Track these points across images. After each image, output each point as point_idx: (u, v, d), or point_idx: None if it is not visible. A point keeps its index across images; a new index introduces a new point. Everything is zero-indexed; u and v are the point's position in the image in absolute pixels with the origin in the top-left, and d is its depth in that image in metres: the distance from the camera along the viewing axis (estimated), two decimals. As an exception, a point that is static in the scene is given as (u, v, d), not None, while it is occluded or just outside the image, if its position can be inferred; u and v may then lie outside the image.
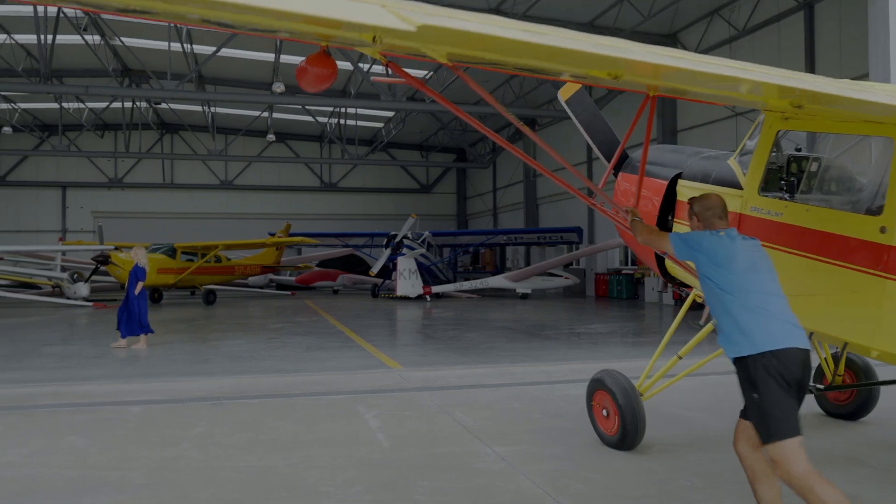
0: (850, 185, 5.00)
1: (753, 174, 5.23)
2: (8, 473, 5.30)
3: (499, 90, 29.29)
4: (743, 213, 5.29)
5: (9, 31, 23.96)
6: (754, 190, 5.21)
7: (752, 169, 5.25)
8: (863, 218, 4.51)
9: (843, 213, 4.68)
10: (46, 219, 39.89)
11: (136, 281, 13.17)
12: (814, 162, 5.09)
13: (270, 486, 4.97)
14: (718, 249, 3.87)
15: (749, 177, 5.27)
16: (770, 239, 4.96)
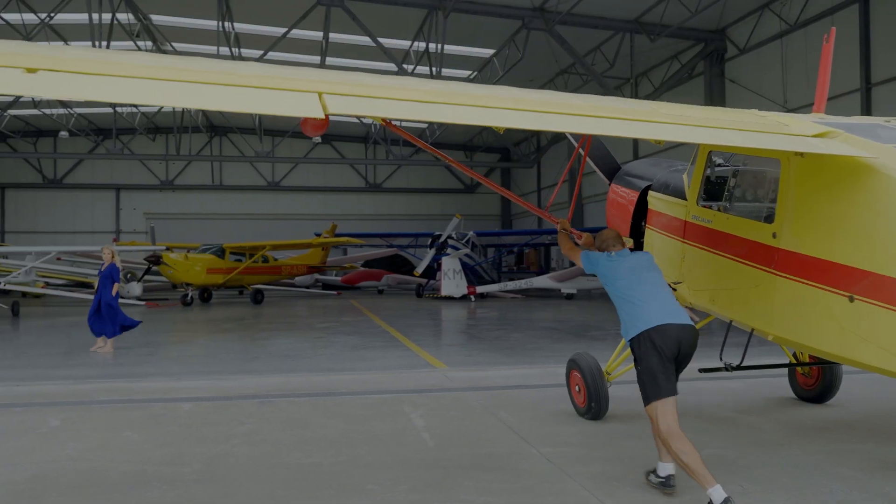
0: (754, 197, 5.88)
1: (692, 187, 6.29)
2: (68, 466, 5.47)
3: (543, 88, 29.13)
4: (687, 220, 6.33)
5: (66, 38, 24.71)
6: (694, 201, 6.26)
7: (691, 183, 6.31)
8: (761, 225, 5.43)
9: (749, 221, 5.62)
10: (101, 220, 41.02)
11: (112, 282, 12.40)
12: (731, 177, 6.05)
13: (318, 484, 5.03)
14: (607, 267, 5.13)
15: (690, 190, 6.32)
16: (705, 242, 6.09)
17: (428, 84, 5.10)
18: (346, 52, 25.93)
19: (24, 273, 23.37)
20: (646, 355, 4.59)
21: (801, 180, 5.09)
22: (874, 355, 4.63)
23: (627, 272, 5.04)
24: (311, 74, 4.63)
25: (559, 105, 4.73)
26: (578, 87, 27.94)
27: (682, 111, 5.18)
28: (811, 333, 5.12)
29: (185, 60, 4.53)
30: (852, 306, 4.66)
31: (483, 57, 25.88)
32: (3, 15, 20.55)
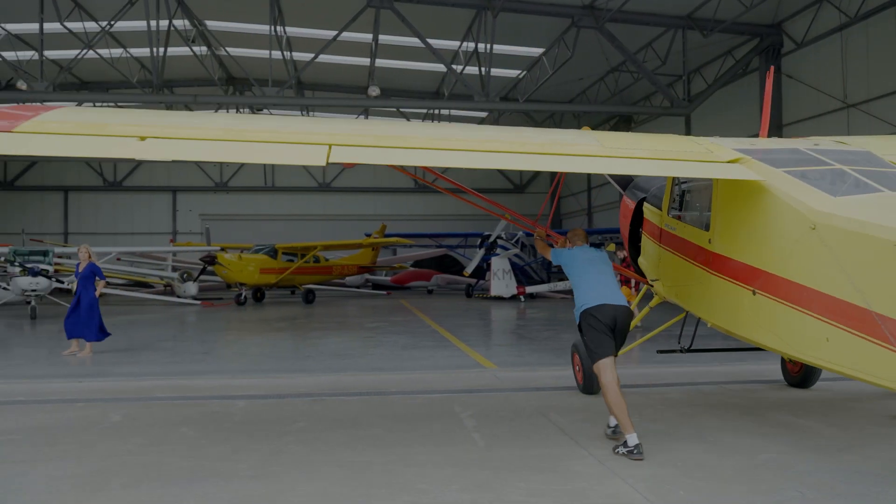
0: (699, 209, 6.94)
1: (665, 200, 7.61)
2: (129, 460, 5.65)
3: (593, 87, 28.84)
4: (661, 227, 7.67)
5: (125, 45, 25.45)
6: (666, 211, 7.59)
7: (664, 196, 7.64)
8: (702, 232, 6.62)
9: (695, 229, 6.82)
10: (159, 221, 42.11)
11: (93, 282, 12.09)
12: (687, 192, 7.25)
13: (370, 482, 5.08)
14: (567, 257, 6.49)
15: (664, 201, 7.64)
16: (671, 246, 7.41)
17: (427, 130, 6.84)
18: (396, 54, 26.10)
19: (87, 273, 24.11)
20: (589, 328, 5.93)
21: (724, 196, 6.23)
22: (770, 339, 5.71)
23: (582, 262, 6.40)
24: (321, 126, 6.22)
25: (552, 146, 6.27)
26: (630, 85, 27.59)
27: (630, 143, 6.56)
28: (731, 321, 6.25)
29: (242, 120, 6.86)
30: (755, 299, 5.74)
31: (532, 56, 25.75)
32: (67, 24, 21.26)
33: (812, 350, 5.25)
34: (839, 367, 5.02)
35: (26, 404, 8.01)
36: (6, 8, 21.92)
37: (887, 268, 4.52)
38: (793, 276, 5.30)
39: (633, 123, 33.03)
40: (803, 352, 5.40)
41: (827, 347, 5.02)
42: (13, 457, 5.80)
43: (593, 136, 6.45)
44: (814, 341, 5.14)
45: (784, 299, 5.37)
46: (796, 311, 5.25)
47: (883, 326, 4.49)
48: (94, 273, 12.10)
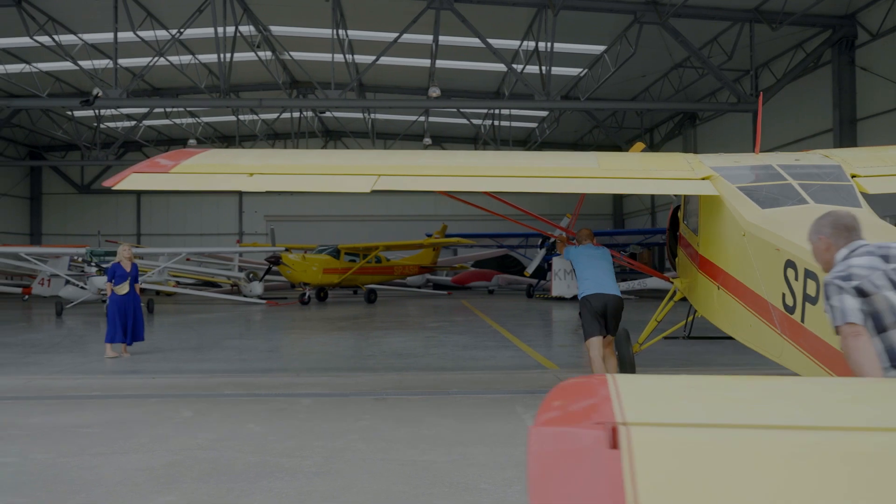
0: (695, 216, 7.72)
1: (682, 208, 8.63)
2: (200, 455, 5.82)
3: (656, 84, 28.32)
4: (680, 233, 8.74)
5: (193, 51, 26.22)
6: (682, 218, 8.60)
7: (681, 204, 8.67)
8: (694, 236, 7.67)
9: (693, 234, 7.80)
10: (226, 223, 43.25)
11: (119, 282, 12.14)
12: (689, 202, 8.26)
13: (433, 481, 5.11)
14: (573, 253, 8.33)
15: (682, 210, 8.71)
16: (684, 248, 8.45)
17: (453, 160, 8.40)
18: (456, 55, 26.15)
19: (158, 273, 25.00)
20: (584, 311, 8.06)
21: (703, 207, 7.21)
22: (727, 327, 6.67)
23: (585, 258, 8.24)
24: (369, 159, 8.24)
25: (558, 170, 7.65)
26: (694, 82, 26.99)
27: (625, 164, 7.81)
28: (709, 312, 7.36)
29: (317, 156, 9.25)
30: (718, 293, 6.76)
31: (594, 54, 25.44)
32: (140, 33, 22.03)
33: (743, 334, 6.22)
34: (757, 348, 5.94)
35: (103, 398, 8.34)
36: (83, 20, 22.85)
37: (773, 266, 5.42)
38: (735, 273, 6.33)
39: (698, 120, 32.29)
40: (742, 337, 6.31)
41: (750, 332, 6.01)
42: (91, 449, 6.05)
43: (594, 158, 7.75)
44: (745, 327, 6.10)
45: (732, 293, 6.39)
46: (738, 303, 6.25)
47: (773, 314, 5.45)
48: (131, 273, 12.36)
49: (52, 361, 11.68)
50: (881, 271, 3.22)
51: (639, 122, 35.22)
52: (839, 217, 3.52)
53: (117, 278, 12.16)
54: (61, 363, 11.48)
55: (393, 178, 6.88)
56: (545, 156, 8.66)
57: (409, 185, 7.07)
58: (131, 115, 35.10)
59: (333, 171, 7.37)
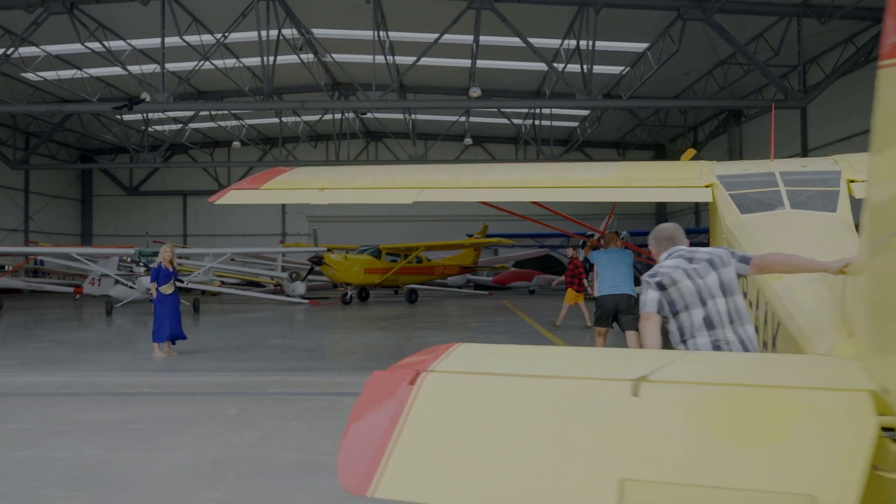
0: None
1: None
2: (245, 452, 5.91)
3: (700, 82, 27.87)
4: None
5: (238, 55, 26.64)
6: None
7: None
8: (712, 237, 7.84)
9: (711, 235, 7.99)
10: (269, 223, 43.83)
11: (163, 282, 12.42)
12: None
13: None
14: (597, 256, 10.47)
15: None
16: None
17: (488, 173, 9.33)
18: (496, 55, 26.10)
19: (203, 273, 25.48)
20: (598, 307, 10.21)
21: (710, 211, 7.66)
22: None
23: (605, 262, 10.20)
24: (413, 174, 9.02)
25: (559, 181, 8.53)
26: (739, 78, 26.49)
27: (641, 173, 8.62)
28: None
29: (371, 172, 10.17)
30: None
31: (636, 51, 25.13)
32: (186, 38, 22.46)
33: None
34: None
35: (151, 396, 8.54)
36: (132, 26, 23.40)
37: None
38: None
39: (744, 118, 31.69)
40: None
41: None
42: (139, 445, 6.19)
43: (615, 169, 8.49)
44: None
45: None
46: None
47: None
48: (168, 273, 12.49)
49: (102, 359, 12.00)
50: (682, 269, 4.16)
51: (682, 121, 34.70)
52: (660, 230, 4.59)
53: (161, 279, 12.41)
54: (111, 361, 11.78)
55: (432, 190, 7.93)
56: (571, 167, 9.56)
57: (445, 196, 8.18)
58: (177, 119, 35.82)
59: (384, 185, 8.41)
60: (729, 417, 2.35)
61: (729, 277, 4.17)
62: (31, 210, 39.13)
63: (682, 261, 4.23)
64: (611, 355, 3.27)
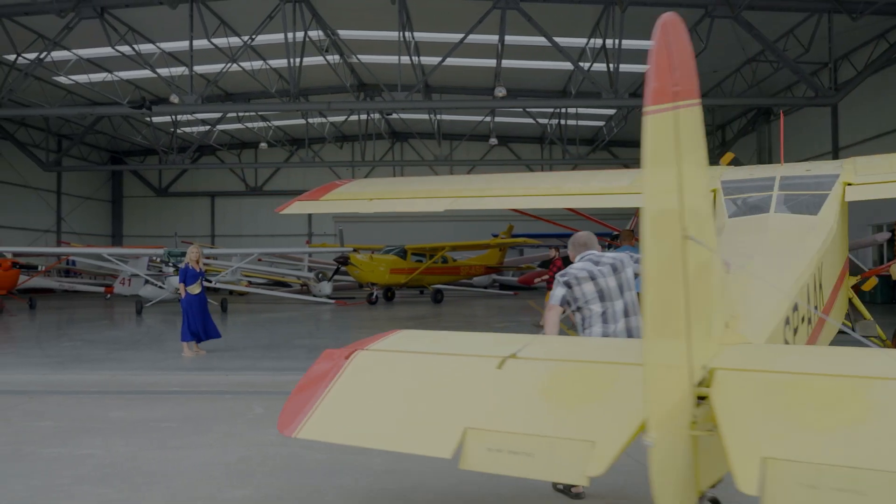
0: None
1: None
2: (271, 451, 5.96)
3: (729, 79, 27.55)
4: None
5: (264, 57, 26.87)
6: None
7: None
8: None
9: None
10: (296, 224, 44.14)
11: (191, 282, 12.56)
12: None
13: (498, 480, 5.09)
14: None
15: None
16: None
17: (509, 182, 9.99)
18: (522, 54, 26.05)
19: (231, 273, 25.73)
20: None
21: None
22: None
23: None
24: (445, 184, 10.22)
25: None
26: (769, 76, 26.18)
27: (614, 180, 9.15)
28: None
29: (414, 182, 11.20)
30: None
31: (663, 49, 24.93)
32: (214, 40, 22.71)
33: None
34: None
35: (180, 395, 8.64)
36: (161, 29, 23.71)
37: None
38: None
39: (773, 116, 31.27)
40: None
41: None
42: (169, 443, 6.27)
43: (630, 176, 8.77)
44: None
45: None
46: None
47: None
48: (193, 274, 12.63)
49: (133, 358, 12.17)
50: (587, 271, 4.94)
51: (710, 119, 34.33)
52: (576, 238, 5.26)
53: (189, 279, 12.57)
54: (141, 360, 11.94)
55: (462, 199, 8.74)
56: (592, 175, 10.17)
57: (477, 204, 8.88)
58: (205, 120, 36.22)
59: (420, 195, 9.28)
60: (559, 385, 3.26)
61: (628, 278, 5.00)
62: (64, 211, 39.83)
63: (590, 264, 4.99)
64: (504, 339, 3.86)
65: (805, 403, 2.96)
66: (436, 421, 3.32)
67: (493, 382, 3.36)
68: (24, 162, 35.14)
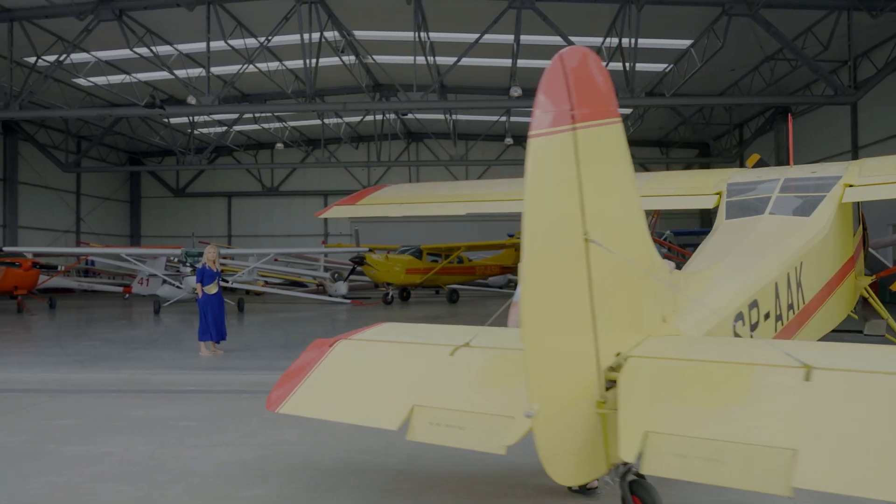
0: None
1: None
2: (288, 450, 6.00)
3: (746, 78, 27.36)
4: None
5: (280, 58, 27.00)
6: None
7: None
8: None
9: None
10: (312, 224, 44.28)
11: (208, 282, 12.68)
12: None
13: (516, 482, 5.10)
14: None
15: None
16: None
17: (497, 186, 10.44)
18: (537, 54, 25.99)
19: (248, 273, 25.88)
20: None
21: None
22: None
23: None
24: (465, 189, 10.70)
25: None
26: (787, 74, 25.97)
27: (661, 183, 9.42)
28: None
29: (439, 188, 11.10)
30: None
31: (679, 49, 24.79)
32: (230, 41, 22.85)
33: None
34: None
35: (198, 394, 8.71)
36: (178, 31, 23.90)
37: None
38: None
39: (792, 115, 31.00)
40: None
41: None
42: (187, 441, 6.33)
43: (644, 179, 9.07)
44: None
45: None
46: None
47: None
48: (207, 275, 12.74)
49: (151, 357, 12.28)
50: None
51: (727, 118, 34.09)
52: None
53: (206, 279, 12.67)
54: (159, 359, 12.05)
55: (479, 203, 9.41)
56: None
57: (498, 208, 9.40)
58: (222, 121, 36.45)
59: (441, 199, 9.97)
60: (494, 369, 3.95)
61: None
62: (83, 212, 40.23)
63: None
64: (468, 331, 4.42)
65: (692, 386, 3.49)
66: (390, 399, 4.06)
67: (444, 367, 4.05)
68: (44, 163, 35.56)
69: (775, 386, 3.39)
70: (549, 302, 3.29)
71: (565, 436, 3.42)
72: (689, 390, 3.49)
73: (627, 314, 3.72)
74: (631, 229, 3.81)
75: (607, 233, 3.56)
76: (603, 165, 3.64)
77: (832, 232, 7.07)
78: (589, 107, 3.75)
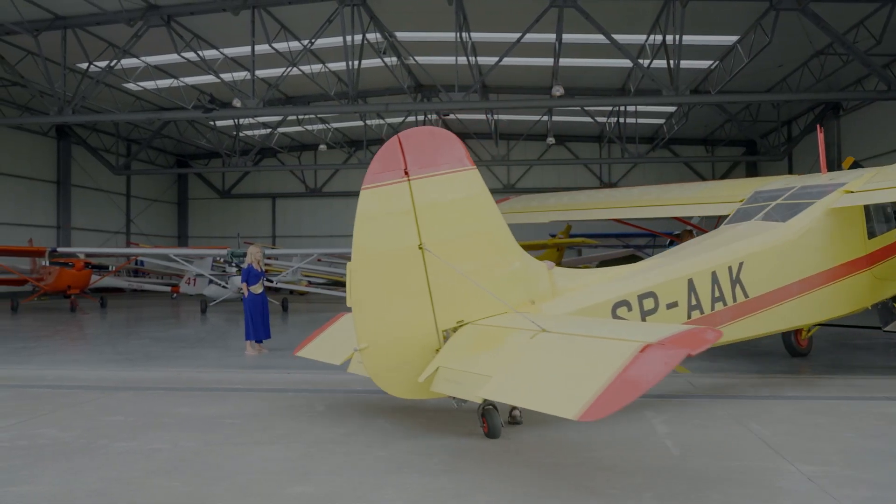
0: None
1: None
2: (333, 448, 6.05)
3: (795, 74, 26.72)
4: None
5: (324, 60, 27.27)
6: None
7: None
8: None
9: None
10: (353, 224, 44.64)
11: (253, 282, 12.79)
12: None
13: (558, 484, 5.07)
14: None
15: None
16: None
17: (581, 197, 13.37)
18: (579, 52, 25.78)
19: (291, 273, 26.18)
20: None
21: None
22: None
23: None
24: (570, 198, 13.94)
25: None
26: (837, 69, 25.27)
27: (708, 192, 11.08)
28: None
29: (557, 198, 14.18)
30: None
31: (725, 45, 24.32)
32: (274, 45, 23.16)
33: None
34: None
35: (243, 392, 8.85)
36: (224, 35, 24.30)
37: None
38: None
39: (842, 111, 30.17)
40: None
41: None
42: (233, 439, 6.43)
43: (699, 188, 11.45)
44: None
45: None
46: None
47: None
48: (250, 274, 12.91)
49: (198, 356, 12.52)
50: None
51: (775, 115, 33.31)
52: None
53: (251, 279, 12.85)
54: (206, 357, 12.27)
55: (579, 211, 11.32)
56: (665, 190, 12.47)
57: (583, 216, 11.07)
58: (266, 124, 36.96)
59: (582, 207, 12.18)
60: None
61: None
62: (132, 213, 41.22)
63: None
64: None
65: (479, 341, 5.84)
66: (346, 348, 6.85)
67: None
68: (96, 166, 36.53)
69: (513, 341, 5.59)
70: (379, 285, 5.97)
71: (394, 363, 6.07)
72: (475, 343, 5.80)
73: (468, 297, 5.99)
74: (477, 241, 6.28)
75: (446, 244, 5.88)
76: (442, 201, 5.89)
77: (806, 235, 7.66)
78: (423, 165, 5.83)
